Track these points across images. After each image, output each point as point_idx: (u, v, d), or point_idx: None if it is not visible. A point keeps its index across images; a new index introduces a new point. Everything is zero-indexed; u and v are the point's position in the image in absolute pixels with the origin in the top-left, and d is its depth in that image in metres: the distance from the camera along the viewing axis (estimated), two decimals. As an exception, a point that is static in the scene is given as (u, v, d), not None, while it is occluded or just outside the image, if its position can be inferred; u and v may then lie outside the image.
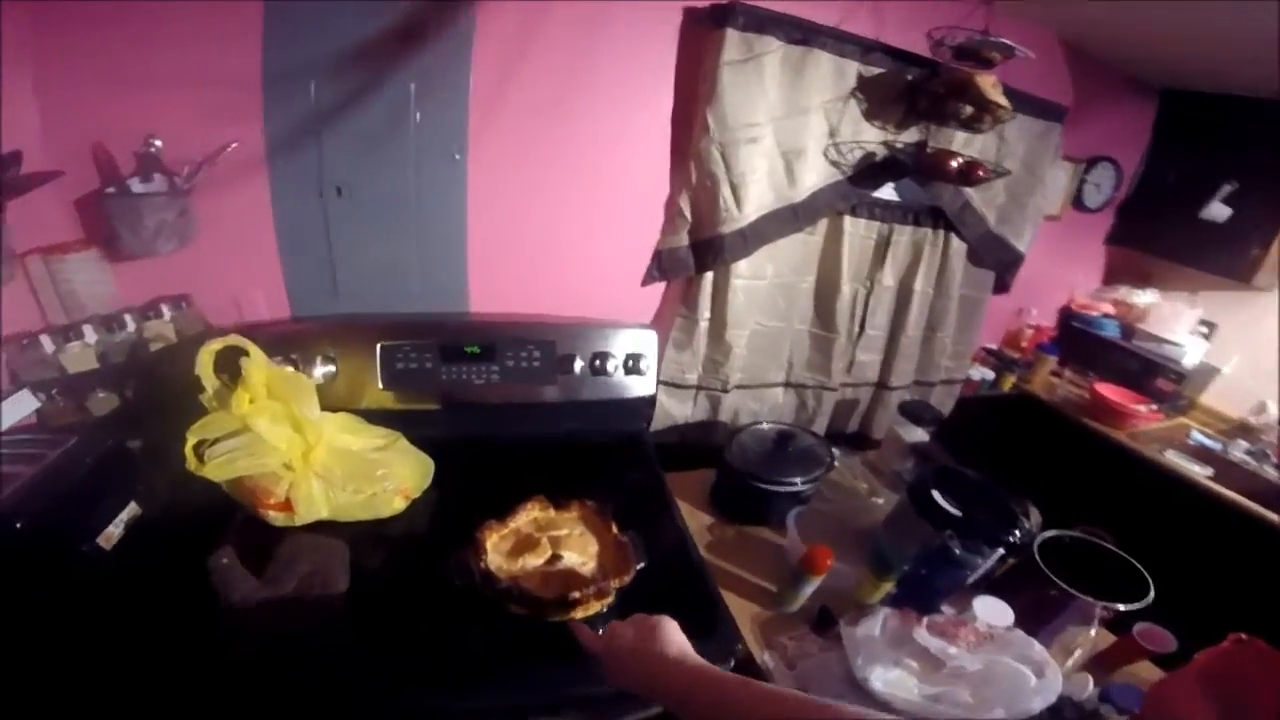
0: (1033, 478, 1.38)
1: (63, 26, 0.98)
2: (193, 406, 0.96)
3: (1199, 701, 0.87)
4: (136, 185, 1.06)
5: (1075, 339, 2.26)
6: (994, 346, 2.24)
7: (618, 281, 1.46)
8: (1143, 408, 1.93)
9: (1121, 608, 1.01)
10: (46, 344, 1.05)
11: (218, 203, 1.15)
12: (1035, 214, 1.76)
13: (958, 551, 1.02)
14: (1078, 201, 2.10)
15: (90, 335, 1.08)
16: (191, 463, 0.88)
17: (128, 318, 1.13)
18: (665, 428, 1.57)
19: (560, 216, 1.36)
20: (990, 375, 2.10)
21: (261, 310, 1.28)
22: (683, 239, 1.39)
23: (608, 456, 1.27)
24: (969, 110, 1.36)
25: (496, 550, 0.91)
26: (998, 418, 2.13)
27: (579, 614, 0.84)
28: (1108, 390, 1.99)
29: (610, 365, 1.28)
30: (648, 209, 1.41)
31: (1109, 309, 2.29)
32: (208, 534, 0.92)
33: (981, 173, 1.43)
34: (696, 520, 1.28)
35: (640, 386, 1.35)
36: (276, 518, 0.94)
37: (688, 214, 1.37)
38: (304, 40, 1.07)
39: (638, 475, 1.23)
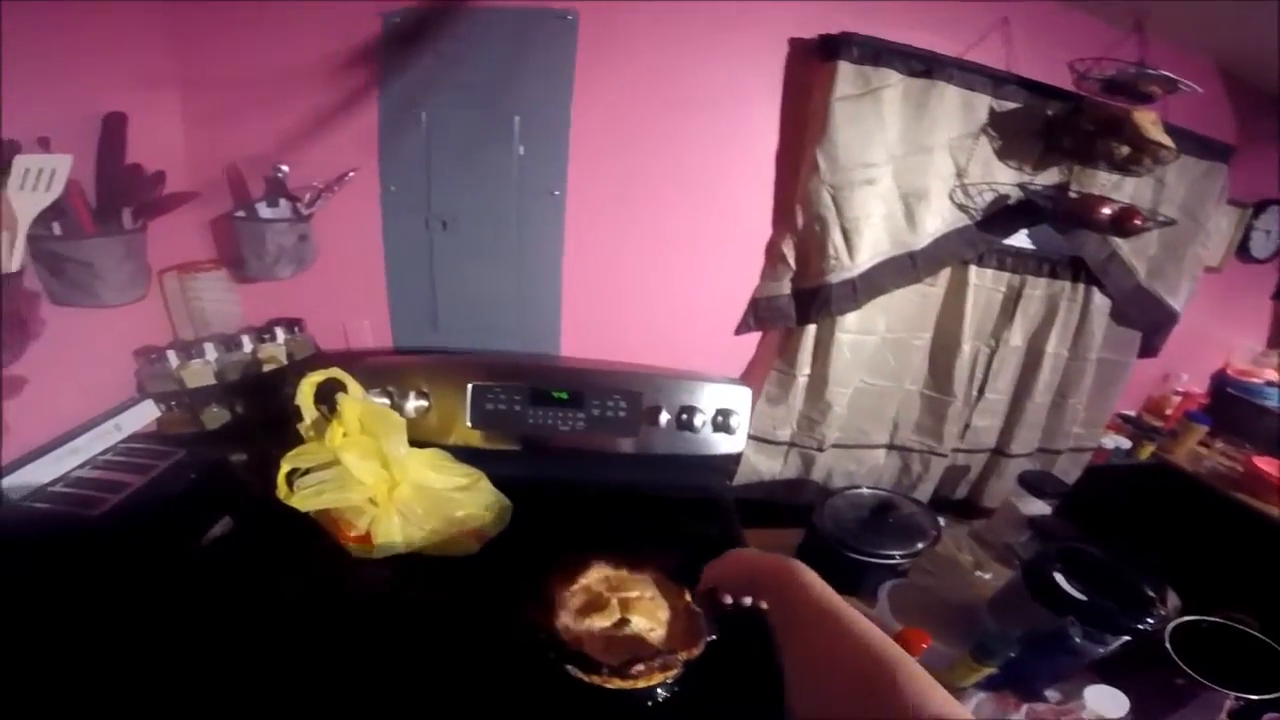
0: (1167, 556, 1.20)
1: (204, 58, 1.08)
2: (295, 428, 0.98)
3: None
4: (264, 210, 1.12)
5: (1230, 407, 1.95)
6: (1132, 413, 1.96)
7: (710, 327, 1.39)
8: (1307, 483, 1.61)
9: (1254, 698, 0.88)
10: (172, 359, 1.12)
11: (334, 230, 1.20)
12: (1194, 266, 1.53)
13: (1078, 640, 0.89)
14: (1242, 250, 1.82)
15: (210, 353, 1.14)
16: (282, 491, 0.90)
17: (245, 339, 1.19)
18: (751, 483, 1.46)
19: (654, 257, 1.32)
20: (1126, 444, 1.84)
21: (368, 339, 1.32)
22: (784, 287, 1.30)
23: (689, 514, 1.19)
24: (1124, 151, 1.20)
25: (564, 608, 0.86)
26: (1131, 489, 1.85)
27: (641, 684, 0.78)
28: (1267, 464, 1.68)
29: (698, 420, 1.21)
30: (746, 253, 1.34)
31: (1273, 376, 1.96)
32: (289, 556, 0.94)
33: (1139, 221, 1.24)
34: (780, 586, 1.17)
35: (729, 444, 1.26)
36: (355, 549, 0.94)
37: (791, 260, 1.28)
38: (418, 70, 1.10)
39: (718, 535, 1.14)
